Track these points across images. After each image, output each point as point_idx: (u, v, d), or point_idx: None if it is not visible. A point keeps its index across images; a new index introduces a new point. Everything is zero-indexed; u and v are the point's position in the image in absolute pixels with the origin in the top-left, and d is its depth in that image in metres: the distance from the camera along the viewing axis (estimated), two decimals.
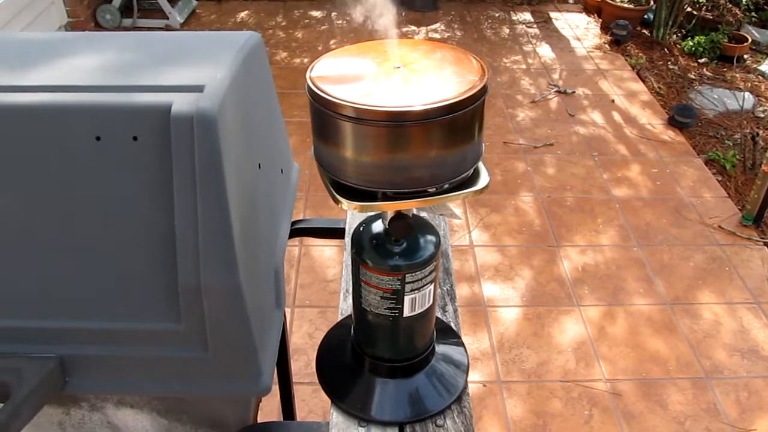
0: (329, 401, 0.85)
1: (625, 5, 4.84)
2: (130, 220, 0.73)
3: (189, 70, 0.77)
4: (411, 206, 0.72)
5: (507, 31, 4.95)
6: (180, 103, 0.68)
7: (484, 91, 0.67)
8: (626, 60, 4.46)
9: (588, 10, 5.30)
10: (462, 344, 0.94)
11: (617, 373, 2.24)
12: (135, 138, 0.70)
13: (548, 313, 2.48)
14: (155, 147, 0.70)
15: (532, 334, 2.39)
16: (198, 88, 0.71)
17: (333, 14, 5.03)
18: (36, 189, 0.72)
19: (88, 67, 0.78)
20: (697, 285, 2.64)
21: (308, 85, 0.68)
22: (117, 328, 0.77)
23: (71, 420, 0.92)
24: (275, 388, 1.11)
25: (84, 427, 0.93)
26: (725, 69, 4.34)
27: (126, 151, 0.70)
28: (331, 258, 2.70)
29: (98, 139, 0.70)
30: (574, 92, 4.05)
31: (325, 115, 0.67)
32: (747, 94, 3.97)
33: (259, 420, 1.02)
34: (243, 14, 5.02)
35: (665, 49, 4.54)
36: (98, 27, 4.55)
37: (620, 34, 4.62)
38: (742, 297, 2.59)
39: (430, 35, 4.80)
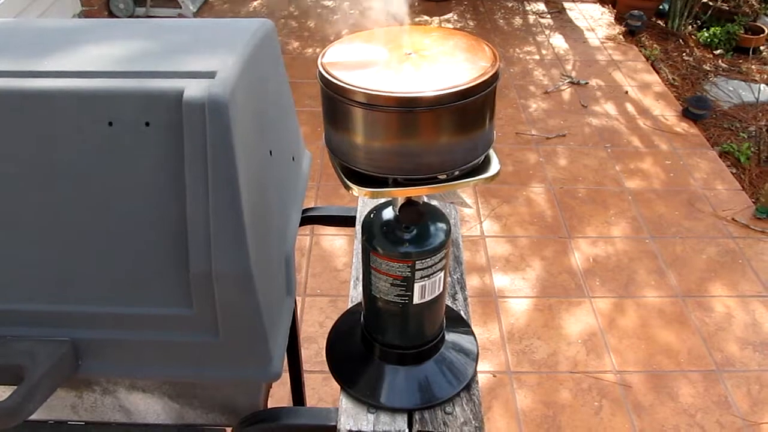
0: (339, 389, 0.86)
1: None
2: (142, 205, 0.73)
3: (201, 56, 0.77)
4: (421, 193, 0.72)
5: (520, 21, 4.92)
6: (192, 89, 0.68)
7: (495, 77, 0.67)
8: (640, 51, 4.42)
9: (602, 1, 5.25)
10: (472, 333, 0.94)
11: (627, 365, 2.24)
12: (147, 124, 0.70)
13: (559, 305, 2.48)
14: (167, 132, 0.70)
15: (543, 325, 2.39)
16: (210, 74, 0.71)
17: (345, 4, 5.02)
18: (49, 174, 0.72)
19: (102, 53, 0.79)
20: (710, 277, 2.62)
21: (319, 71, 0.68)
22: (129, 312, 0.77)
23: (84, 403, 0.93)
24: (285, 376, 1.12)
25: (96, 410, 0.93)
26: (741, 60, 4.29)
27: (138, 136, 0.71)
28: (342, 248, 2.70)
29: (111, 124, 0.70)
30: (587, 83, 4.02)
31: (336, 101, 0.67)
32: (763, 86, 3.92)
33: (270, 406, 1.03)
34: (255, 3, 5.01)
35: (680, 40, 4.49)
36: (111, 16, 4.56)
37: (635, 25, 4.57)
38: (754, 290, 2.57)
39: (442, 25, 4.77)
